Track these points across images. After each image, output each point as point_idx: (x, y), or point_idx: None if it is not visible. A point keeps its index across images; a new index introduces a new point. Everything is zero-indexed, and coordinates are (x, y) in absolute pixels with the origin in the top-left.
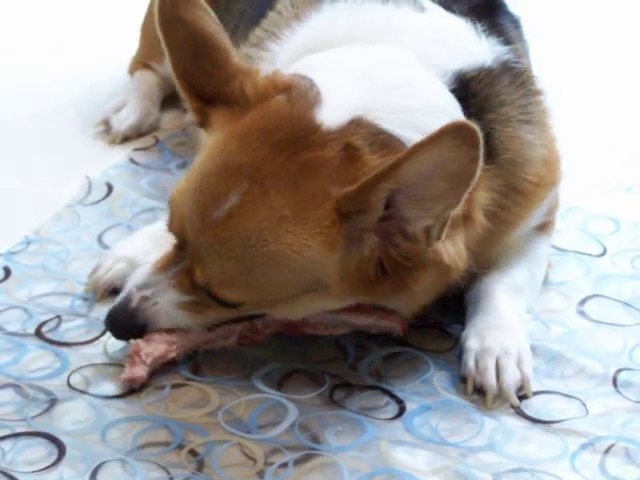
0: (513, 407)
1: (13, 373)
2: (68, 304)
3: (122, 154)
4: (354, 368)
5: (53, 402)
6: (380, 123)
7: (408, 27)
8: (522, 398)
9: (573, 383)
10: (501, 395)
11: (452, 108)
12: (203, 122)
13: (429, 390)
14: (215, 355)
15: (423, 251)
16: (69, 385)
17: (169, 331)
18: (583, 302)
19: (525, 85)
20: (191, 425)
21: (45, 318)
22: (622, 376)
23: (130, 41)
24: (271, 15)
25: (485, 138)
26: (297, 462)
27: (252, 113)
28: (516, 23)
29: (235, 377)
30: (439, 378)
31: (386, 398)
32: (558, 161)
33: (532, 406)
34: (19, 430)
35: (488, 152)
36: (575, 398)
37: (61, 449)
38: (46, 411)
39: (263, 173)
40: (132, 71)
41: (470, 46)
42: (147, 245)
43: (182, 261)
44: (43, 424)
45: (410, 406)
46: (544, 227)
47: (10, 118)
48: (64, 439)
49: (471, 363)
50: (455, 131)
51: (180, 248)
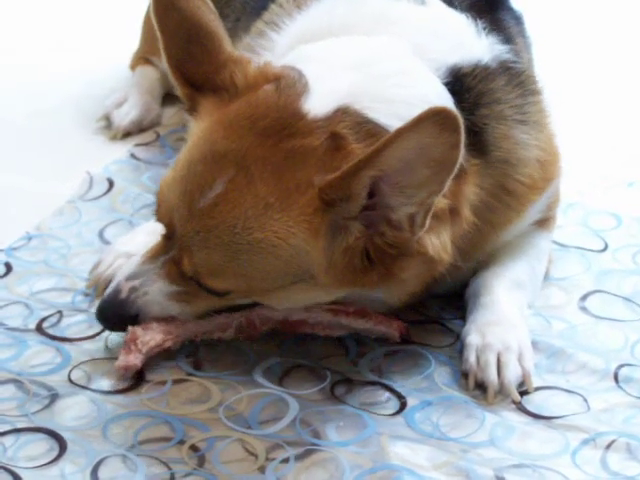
0: (514, 403)
1: (14, 368)
2: (69, 300)
3: (123, 149)
4: (355, 364)
5: (54, 397)
6: (368, 113)
7: (405, 19)
8: (523, 394)
9: (574, 379)
10: (502, 391)
11: (444, 101)
12: (192, 109)
13: (430, 386)
14: (216, 350)
15: (408, 239)
16: (70, 381)
17: (167, 320)
18: (584, 298)
19: (523, 85)
20: (192, 421)
21: (46, 314)
22: (623, 372)
23: (131, 37)
24: (273, 7)
25: (477, 134)
26: (298, 457)
27: (239, 101)
28: (518, 19)
29: (236, 372)
30: (440, 374)
31: (387, 394)
32: (555, 159)
33: (533, 402)
34: (20, 426)
35: (479, 147)
36: (576, 394)
37: (62, 445)
38: (47, 407)
39: (248, 161)
40: (133, 66)
41: (468, 42)
42: (148, 240)
43: (170, 250)
44: (44, 420)
45: (411, 402)
46: (545, 222)
47: (11, 114)
48: (65, 435)
49: (472, 359)
50: (434, 117)
51: (168, 238)
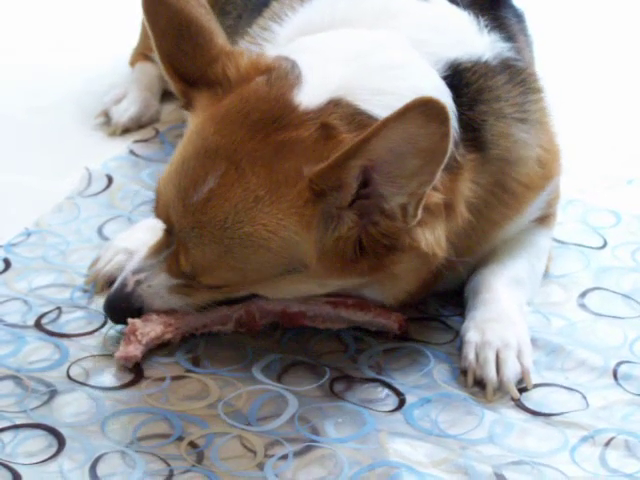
0: (513, 400)
1: (13, 365)
2: (68, 296)
3: (122, 146)
4: (354, 360)
5: (53, 394)
6: (360, 104)
7: (407, 14)
8: (522, 391)
9: (573, 376)
10: (501, 388)
11: (441, 94)
12: (187, 104)
13: (429, 383)
14: (215, 346)
15: (401, 229)
16: (69, 377)
17: (167, 313)
18: (584, 295)
19: (524, 83)
20: (191, 417)
21: (45, 310)
22: (622, 369)
23: (130, 33)
24: (274, 3)
25: (476, 130)
26: (297, 454)
27: (231, 95)
28: (520, 17)
29: (235, 369)
30: (439, 371)
31: (386, 390)
32: (556, 157)
33: (532, 399)
34: (19, 422)
35: (477, 144)
36: (575, 391)
37: (61, 441)
38: (46, 403)
39: (239, 155)
40: (133, 62)
41: (469, 39)
42: (147, 237)
43: (171, 245)
44: (43, 416)
45: (410, 398)
46: (544, 220)
47: (10, 111)
48: (64, 431)
49: (471, 356)
50: (421, 106)
51: (169, 232)
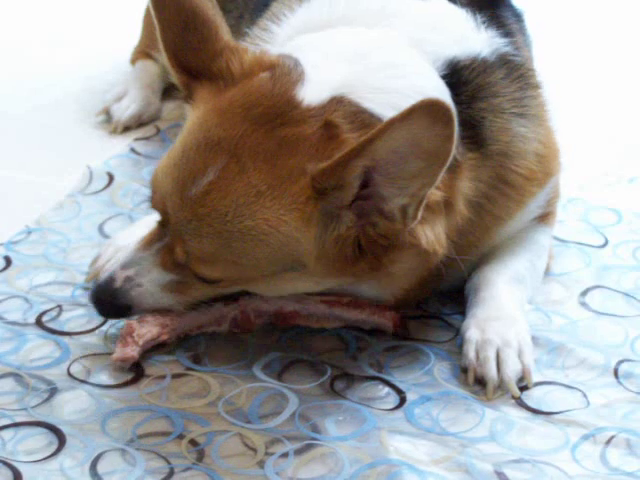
0: (514, 398)
1: (13, 362)
2: (69, 294)
3: (123, 144)
4: (355, 359)
5: (53, 391)
6: (362, 102)
7: (404, 12)
8: (523, 389)
9: (574, 374)
10: (502, 386)
11: (439, 93)
12: (189, 97)
13: (430, 381)
14: (216, 344)
15: (400, 230)
16: (69, 374)
17: (162, 313)
18: (584, 293)
19: (522, 78)
20: (191, 415)
21: (46, 307)
22: (623, 367)
23: (132, 31)
24: (274, 4)
25: (475, 127)
26: (297, 452)
27: (234, 89)
28: (519, 17)
29: (236, 366)
30: (440, 369)
31: (387, 389)
32: (555, 154)
33: (533, 397)
34: (19, 420)
35: (477, 141)
36: (576, 389)
37: (61, 439)
38: (46, 400)
39: (241, 149)
40: (134, 60)
41: (467, 36)
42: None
43: (164, 238)
44: (43, 414)
45: (411, 396)
46: (545, 218)
47: (11, 109)
48: (64, 429)
49: (472, 354)
50: (426, 108)
51: (163, 225)
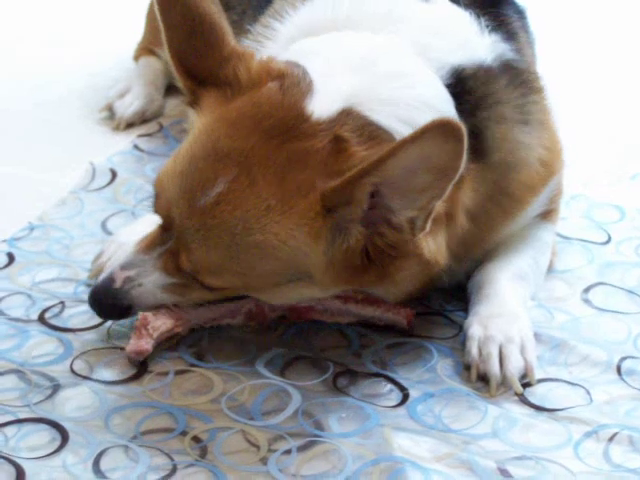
0: (517, 395)
1: (16, 359)
2: (72, 290)
3: (126, 140)
4: (358, 355)
5: (56, 388)
6: (370, 115)
7: (410, 17)
8: (526, 386)
9: (577, 371)
10: (504, 383)
11: (444, 103)
12: (194, 102)
13: (433, 378)
14: (219, 341)
15: (408, 240)
16: (72, 371)
17: (176, 306)
18: (587, 290)
19: (525, 84)
20: (194, 412)
21: (48, 304)
22: (626, 364)
23: (135, 28)
24: (277, 2)
25: (477, 136)
26: (300, 449)
27: (243, 98)
28: (521, 14)
29: (239, 363)
30: (443, 366)
31: (390, 385)
32: (558, 155)
33: (536, 394)
34: (22, 416)
35: (479, 151)
36: (579, 386)
37: (64, 435)
38: (49, 397)
39: (251, 161)
40: (137, 57)
41: (471, 41)
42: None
43: (167, 242)
44: (46, 410)
45: (414, 393)
46: (548, 215)
47: (15, 105)
48: (67, 425)
49: (474, 351)
50: (440, 128)
51: (166, 229)
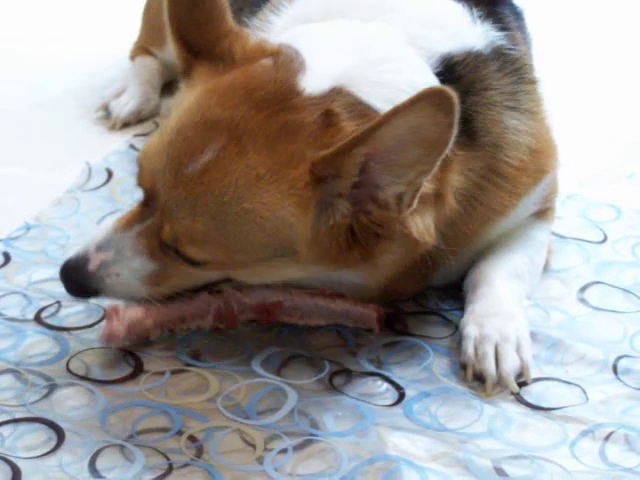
0: (513, 394)
1: (12, 358)
2: None
3: (122, 140)
4: (354, 355)
5: (52, 388)
6: (361, 95)
7: (402, 8)
8: (522, 385)
9: (573, 370)
10: (500, 382)
11: None
12: (187, 72)
13: (429, 377)
14: (215, 340)
15: (394, 218)
16: (68, 370)
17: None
18: (583, 289)
19: (517, 72)
20: (190, 411)
21: (45, 304)
22: (622, 363)
23: (131, 27)
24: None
25: (467, 121)
26: (296, 448)
27: (236, 71)
28: (518, 15)
29: (235, 362)
30: (439, 365)
31: (385, 384)
32: (550, 151)
33: (532, 393)
34: (18, 416)
35: (467, 135)
36: (575, 385)
37: (60, 435)
38: (45, 397)
39: (241, 130)
40: (133, 56)
41: (462, 30)
42: None
43: (147, 219)
44: (42, 410)
45: (410, 392)
46: (543, 214)
47: (11, 105)
48: (63, 425)
49: (470, 350)
50: (431, 96)
51: (147, 204)
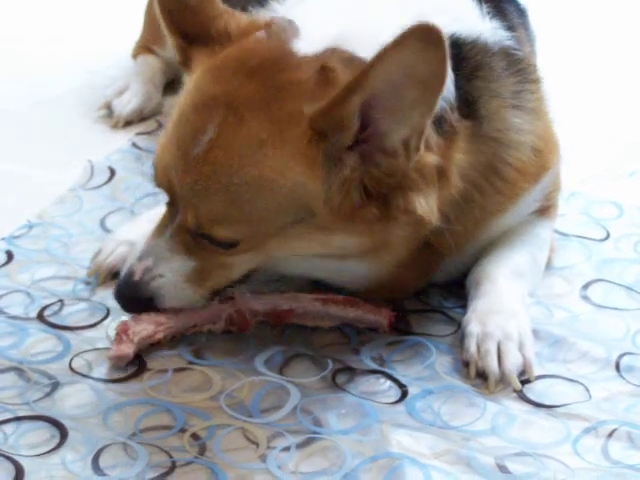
0: (515, 391)
1: (15, 357)
2: (70, 288)
3: (125, 138)
4: (357, 352)
5: (55, 386)
6: (358, 51)
7: None
8: (524, 382)
9: (576, 367)
10: (503, 379)
11: None
12: (185, 62)
13: (431, 374)
14: (218, 338)
15: (404, 166)
16: (71, 369)
17: (158, 312)
18: (586, 286)
19: (522, 73)
20: (193, 409)
21: (47, 302)
22: (625, 360)
23: (133, 25)
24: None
25: (471, 104)
26: (299, 446)
27: (230, 48)
28: (522, 12)
29: (237, 360)
30: (441, 363)
31: (388, 382)
32: (552, 148)
33: (535, 390)
34: (21, 414)
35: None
36: (578, 382)
37: (63, 433)
38: (48, 395)
39: (237, 100)
40: (135, 55)
41: (470, 19)
42: (149, 229)
43: (175, 217)
44: (45, 408)
45: (412, 390)
46: (545, 211)
47: (13, 103)
48: (66, 423)
49: (473, 348)
50: (417, 32)
51: (172, 204)
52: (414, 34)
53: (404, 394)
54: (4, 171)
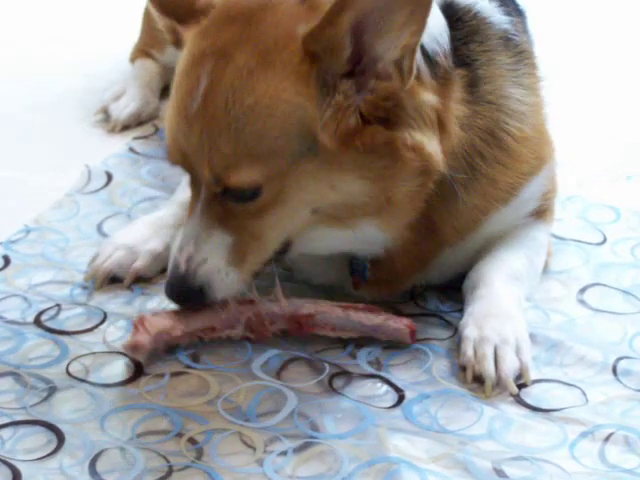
0: (512, 395)
1: (12, 361)
2: (67, 292)
3: (122, 143)
4: (353, 357)
5: (52, 390)
6: None
7: None
8: (521, 386)
9: (573, 371)
10: (500, 384)
11: (435, 15)
12: (177, 41)
13: (428, 379)
14: (215, 343)
15: (399, 88)
16: (68, 373)
17: (175, 311)
18: (583, 291)
19: (520, 55)
20: (190, 413)
21: (44, 306)
22: (622, 364)
23: (131, 30)
24: None
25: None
26: (296, 450)
27: (213, 10)
28: (521, 14)
29: (234, 365)
30: (438, 367)
31: (385, 386)
32: (547, 140)
33: (532, 394)
34: (18, 418)
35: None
36: (575, 386)
37: (60, 437)
38: (45, 399)
39: (224, 45)
40: (133, 59)
41: None
42: (146, 233)
43: (200, 192)
44: (42, 412)
45: (409, 394)
46: (542, 214)
47: (10, 107)
48: (63, 427)
49: (469, 352)
50: None
51: (193, 181)
52: None
53: (401, 398)
54: (1, 176)
